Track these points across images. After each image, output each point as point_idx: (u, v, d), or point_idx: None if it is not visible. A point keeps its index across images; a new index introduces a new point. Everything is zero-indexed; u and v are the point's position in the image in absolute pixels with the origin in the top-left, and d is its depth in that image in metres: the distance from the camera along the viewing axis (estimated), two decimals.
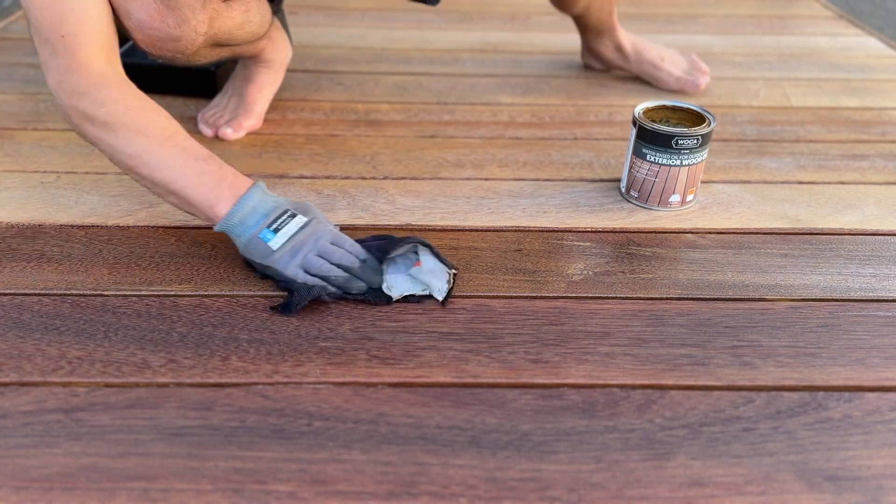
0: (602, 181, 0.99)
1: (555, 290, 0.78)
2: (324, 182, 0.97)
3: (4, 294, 0.75)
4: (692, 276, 0.80)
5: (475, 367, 0.67)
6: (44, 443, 0.59)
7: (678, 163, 0.89)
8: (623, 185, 0.96)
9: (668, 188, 0.91)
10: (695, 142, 0.87)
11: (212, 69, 1.15)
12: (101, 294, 0.75)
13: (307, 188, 0.95)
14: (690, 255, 0.84)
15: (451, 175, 0.99)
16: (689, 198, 0.93)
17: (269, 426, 0.61)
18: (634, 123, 0.91)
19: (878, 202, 0.95)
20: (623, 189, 0.96)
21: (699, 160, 0.90)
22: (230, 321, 0.72)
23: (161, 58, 0.86)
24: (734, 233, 0.89)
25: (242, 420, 0.61)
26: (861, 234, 0.89)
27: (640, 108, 0.93)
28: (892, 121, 1.19)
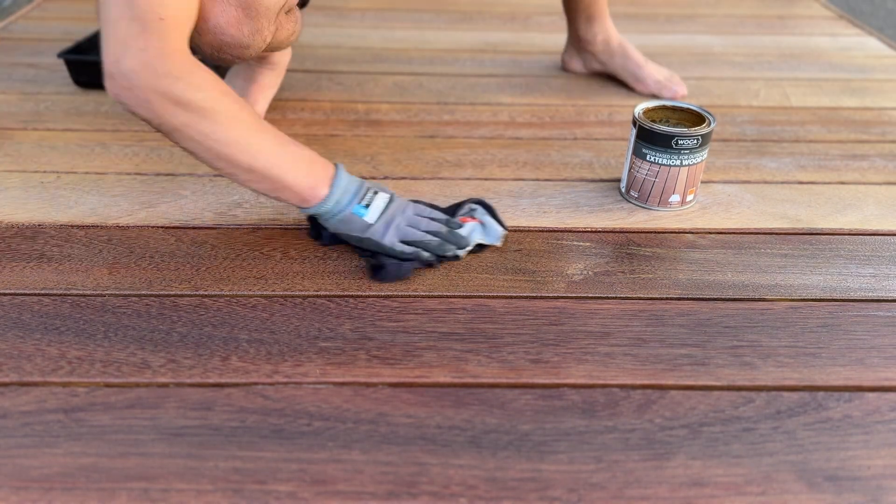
0: (602, 181, 0.99)
1: (555, 290, 0.78)
2: None
3: (4, 294, 0.75)
4: (692, 276, 0.80)
5: (475, 367, 0.67)
6: (44, 443, 0.59)
7: (678, 163, 0.89)
8: (623, 185, 0.96)
9: (668, 188, 0.91)
10: (695, 142, 0.87)
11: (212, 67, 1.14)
12: (101, 294, 0.75)
13: None
14: (690, 255, 0.84)
15: (451, 175, 0.99)
16: (689, 198, 0.93)
17: (269, 426, 0.61)
18: (634, 123, 0.91)
19: (878, 202, 0.95)
20: (623, 189, 0.96)
21: (699, 160, 0.90)
22: (230, 321, 0.72)
23: (213, 59, 0.86)
24: (734, 233, 0.89)
25: (242, 420, 0.61)
26: (861, 234, 0.89)
27: (640, 108, 0.93)
28: (892, 121, 1.19)
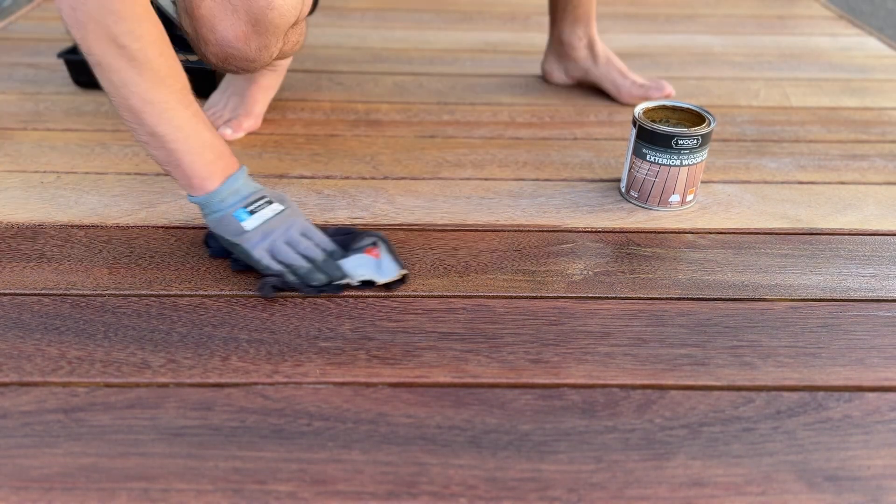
0: (602, 181, 0.99)
1: (555, 290, 0.78)
2: (324, 182, 0.97)
3: (4, 294, 0.75)
4: (692, 276, 0.80)
5: (475, 367, 0.67)
6: (44, 443, 0.59)
7: (678, 163, 0.89)
8: (623, 185, 0.95)
9: (668, 188, 0.91)
10: (695, 142, 0.87)
11: (211, 68, 1.14)
12: (101, 294, 0.75)
13: (307, 188, 0.95)
14: (690, 255, 0.84)
15: (451, 175, 0.99)
16: (689, 198, 0.93)
17: (269, 426, 0.61)
18: (634, 123, 0.91)
19: (878, 202, 0.95)
20: (623, 189, 0.96)
21: (699, 160, 0.90)
22: (230, 321, 0.72)
23: (218, 68, 0.86)
24: (734, 233, 0.89)
25: (242, 420, 0.61)
26: (861, 234, 0.89)
27: (640, 108, 0.93)
28: (892, 121, 1.18)
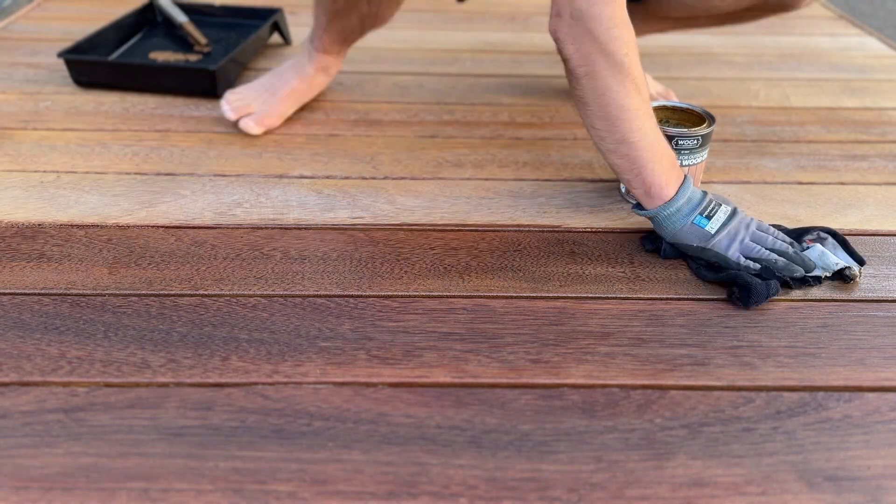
0: (602, 181, 0.99)
1: (555, 290, 0.78)
2: (324, 182, 0.97)
3: (4, 294, 0.75)
4: (692, 276, 0.80)
5: (475, 367, 0.67)
6: (44, 443, 0.59)
7: (678, 163, 0.88)
8: (623, 186, 0.95)
9: None
10: (695, 142, 0.87)
11: (211, 69, 1.15)
12: (101, 294, 0.75)
13: (307, 188, 0.95)
14: None
15: (451, 175, 0.99)
16: None
17: (269, 426, 0.61)
18: None
19: (878, 202, 0.95)
20: (623, 189, 0.95)
21: (699, 160, 0.90)
22: (230, 321, 0.72)
23: None
24: None
25: (242, 420, 0.61)
26: (861, 234, 0.89)
27: None
28: (892, 121, 1.19)
